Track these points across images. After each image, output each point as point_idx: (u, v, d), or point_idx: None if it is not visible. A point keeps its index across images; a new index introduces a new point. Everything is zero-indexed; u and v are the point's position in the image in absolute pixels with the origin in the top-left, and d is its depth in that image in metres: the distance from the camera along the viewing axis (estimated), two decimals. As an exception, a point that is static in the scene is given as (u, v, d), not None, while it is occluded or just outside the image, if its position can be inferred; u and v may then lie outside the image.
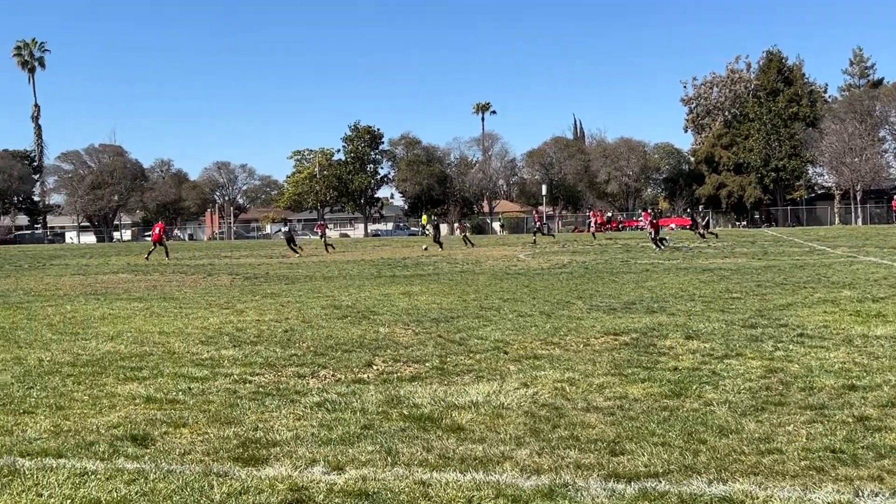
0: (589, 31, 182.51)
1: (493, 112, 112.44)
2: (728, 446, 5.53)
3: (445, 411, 6.57)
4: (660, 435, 5.82)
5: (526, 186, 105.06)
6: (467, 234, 48.71)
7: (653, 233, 34.93)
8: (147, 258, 35.23)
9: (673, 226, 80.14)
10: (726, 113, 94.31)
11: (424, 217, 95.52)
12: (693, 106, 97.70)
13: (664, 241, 34.76)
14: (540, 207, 73.85)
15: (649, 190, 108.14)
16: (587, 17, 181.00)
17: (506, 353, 9.24)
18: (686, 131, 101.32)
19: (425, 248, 39.31)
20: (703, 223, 46.58)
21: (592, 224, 58.69)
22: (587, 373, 7.99)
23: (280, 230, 41.48)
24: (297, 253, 36.86)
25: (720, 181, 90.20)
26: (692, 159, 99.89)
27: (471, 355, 9.11)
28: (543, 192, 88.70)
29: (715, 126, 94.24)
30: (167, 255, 36.46)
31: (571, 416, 6.37)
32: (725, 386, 7.30)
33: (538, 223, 48.61)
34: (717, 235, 44.89)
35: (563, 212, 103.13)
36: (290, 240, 39.00)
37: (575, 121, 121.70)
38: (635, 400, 6.86)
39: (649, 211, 41.52)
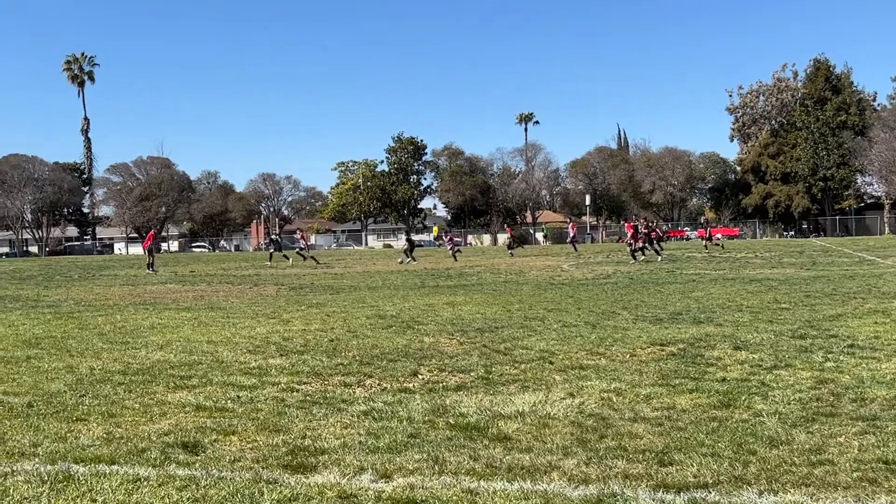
0: (633, 40, 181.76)
1: (537, 122, 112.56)
2: (778, 457, 5.47)
3: (491, 421, 6.58)
4: (709, 445, 5.77)
5: (569, 196, 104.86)
6: (513, 242, 48.12)
7: (633, 243, 33.79)
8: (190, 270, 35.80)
9: (720, 236, 79.37)
10: (773, 122, 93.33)
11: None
12: (739, 115, 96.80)
13: (641, 253, 33.93)
14: (574, 218, 73.52)
15: (695, 200, 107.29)
16: (631, 27, 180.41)
17: (551, 363, 9.22)
18: (732, 140, 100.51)
19: (400, 262, 39.14)
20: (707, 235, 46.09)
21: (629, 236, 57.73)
22: (634, 383, 7.95)
23: (269, 242, 42.93)
24: (280, 261, 39.30)
25: (767, 191, 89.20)
26: (738, 169, 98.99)
27: (516, 365, 9.11)
28: (587, 202, 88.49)
29: (761, 135, 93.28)
30: (150, 266, 35.67)
31: (618, 427, 6.34)
32: (775, 397, 7.21)
33: (573, 234, 47.89)
34: (722, 246, 44.73)
35: (607, 222, 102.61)
36: (278, 248, 40.96)
37: (619, 130, 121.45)
38: (683, 410, 6.81)
39: (633, 222, 38.30)
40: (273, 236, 44.99)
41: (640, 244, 34.60)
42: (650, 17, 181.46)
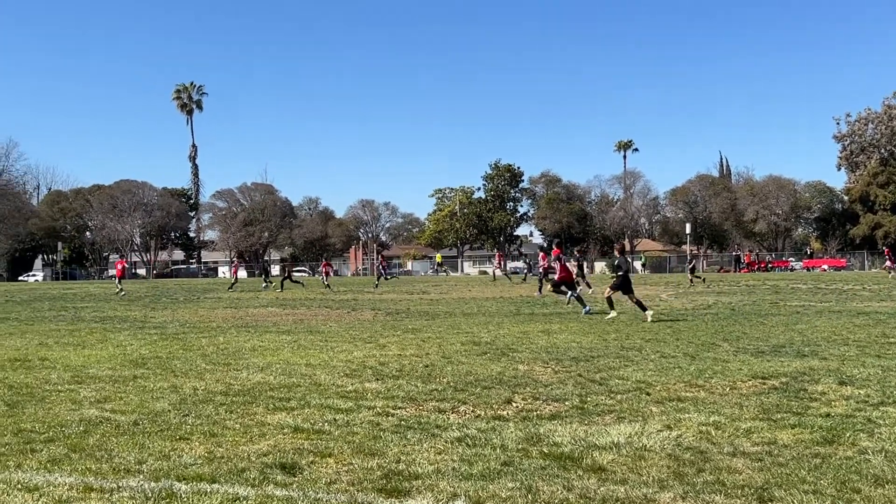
0: (736, 67, 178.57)
1: (636, 150, 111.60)
2: (884, 496, 5.27)
3: (586, 451, 6.52)
4: (811, 482, 5.59)
5: (669, 225, 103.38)
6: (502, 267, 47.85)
7: (542, 273, 29.73)
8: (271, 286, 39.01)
9: (825, 267, 76.94)
10: (882, 150, 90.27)
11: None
12: (847, 143, 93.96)
13: (563, 289, 23.20)
14: (684, 246, 72.22)
15: (800, 230, 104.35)
16: (734, 54, 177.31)
17: (648, 394, 9.08)
18: (839, 169, 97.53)
19: (375, 286, 42.04)
20: (690, 266, 44.92)
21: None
22: (734, 417, 7.77)
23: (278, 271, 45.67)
24: (274, 287, 41.97)
25: (876, 221, 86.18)
26: (846, 198, 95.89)
27: (611, 395, 9.00)
28: (687, 230, 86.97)
29: (870, 164, 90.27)
30: (118, 291, 39.25)
31: (717, 461, 6.20)
32: (882, 434, 6.95)
33: (692, 262, 46.76)
34: (703, 280, 43.61)
35: (708, 251, 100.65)
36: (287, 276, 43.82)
37: (721, 158, 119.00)
38: (785, 446, 6.62)
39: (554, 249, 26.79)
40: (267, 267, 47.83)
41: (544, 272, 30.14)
42: (754, 44, 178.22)
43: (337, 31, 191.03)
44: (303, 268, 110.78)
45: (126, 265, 42.25)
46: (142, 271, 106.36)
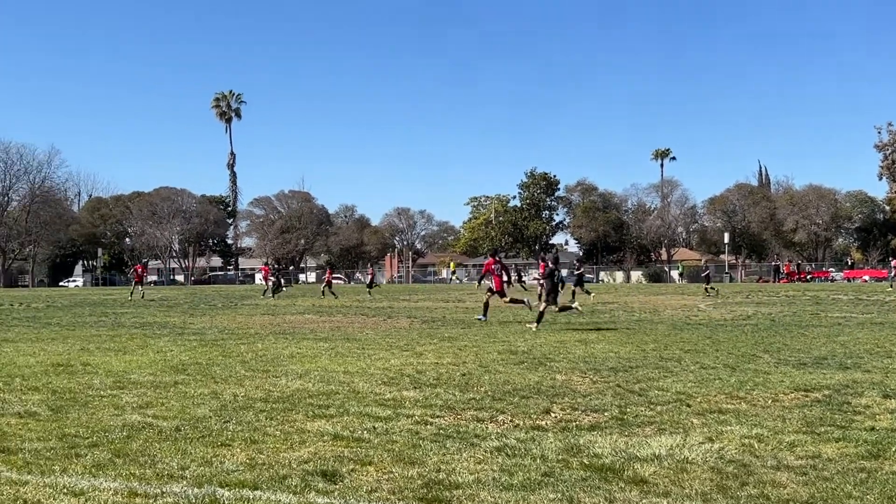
0: (775, 75, 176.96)
1: (673, 158, 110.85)
2: (935, 515, 5.18)
3: (627, 463, 6.48)
4: (857, 497, 5.51)
5: (707, 234, 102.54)
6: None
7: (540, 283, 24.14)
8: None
9: (867, 278, 75.84)
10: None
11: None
12: (888, 152, 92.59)
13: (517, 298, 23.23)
14: (722, 256, 71.33)
15: (840, 240, 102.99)
16: (772, 60, 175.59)
17: (688, 405, 9.00)
18: (881, 179, 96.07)
19: (369, 292, 43.21)
20: (705, 275, 44.48)
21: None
22: (776, 429, 7.68)
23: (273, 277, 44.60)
24: (274, 294, 41.55)
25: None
26: (887, 208, 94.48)
27: (651, 407, 8.94)
28: (725, 240, 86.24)
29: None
30: (131, 295, 41.17)
31: (760, 474, 6.13)
32: (930, 450, 6.83)
33: (706, 272, 46.09)
34: (717, 292, 42.72)
35: (747, 261, 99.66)
36: (277, 285, 43.25)
37: (760, 167, 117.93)
38: (829, 460, 6.53)
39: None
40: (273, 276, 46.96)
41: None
42: (793, 52, 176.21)
43: (375, 39, 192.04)
44: (338, 275, 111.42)
45: (144, 270, 42.94)
46: (180, 277, 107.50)
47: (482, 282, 22.41)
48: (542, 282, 20.91)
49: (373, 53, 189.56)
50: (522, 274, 49.71)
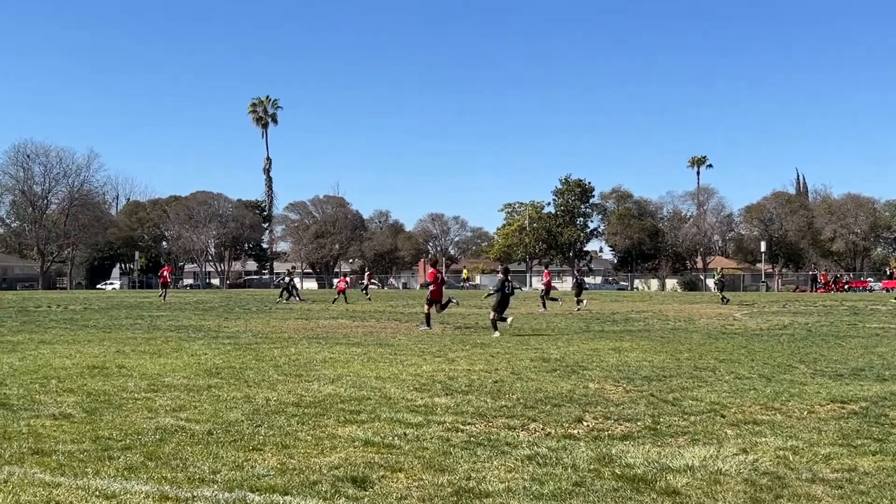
0: (813, 83, 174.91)
1: (710, 166, 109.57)
2: (976, 532, 5.06)
3: (659, 473, 6.40)
4: (896, 514, 5.41)
5: (743, 242, 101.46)
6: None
7: (544, 291, 34.59)
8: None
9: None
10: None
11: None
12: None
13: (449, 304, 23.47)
14: (759, 264, 70.66)
15: (879, 249, 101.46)
16: (811, 70, 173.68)
17: (723, 416, 8.90)
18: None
19: (368, 298, 43.95)
20: (719, 284, 43.86)
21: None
22: (812, 442, 7.56)
23: (283, 279, 44.43)
24: (293, 301, 41.63)
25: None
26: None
27: (685, 417, 8.84)
28: (762, 248, 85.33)
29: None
30: (163, 298, 43.75)
31: (795, 487, 6.04)
32: (971, 465, 6.68)
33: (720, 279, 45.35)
34: (728, 300, 41.93)
35: (784, 270, 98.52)
36: (287, 289, 43.68)
37: (798, 175, 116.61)
38: (866, 473, 6.42)
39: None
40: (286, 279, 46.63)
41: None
42: (832, 60, 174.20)
43: (407, 46, 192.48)
44: (373, 280, 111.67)
45: (170, 273, 43.98)
46: (216, 281, 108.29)
47: (429, 288, 22.73)
48: (492, 292, 21.83)
49: (407, 61, 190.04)
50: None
